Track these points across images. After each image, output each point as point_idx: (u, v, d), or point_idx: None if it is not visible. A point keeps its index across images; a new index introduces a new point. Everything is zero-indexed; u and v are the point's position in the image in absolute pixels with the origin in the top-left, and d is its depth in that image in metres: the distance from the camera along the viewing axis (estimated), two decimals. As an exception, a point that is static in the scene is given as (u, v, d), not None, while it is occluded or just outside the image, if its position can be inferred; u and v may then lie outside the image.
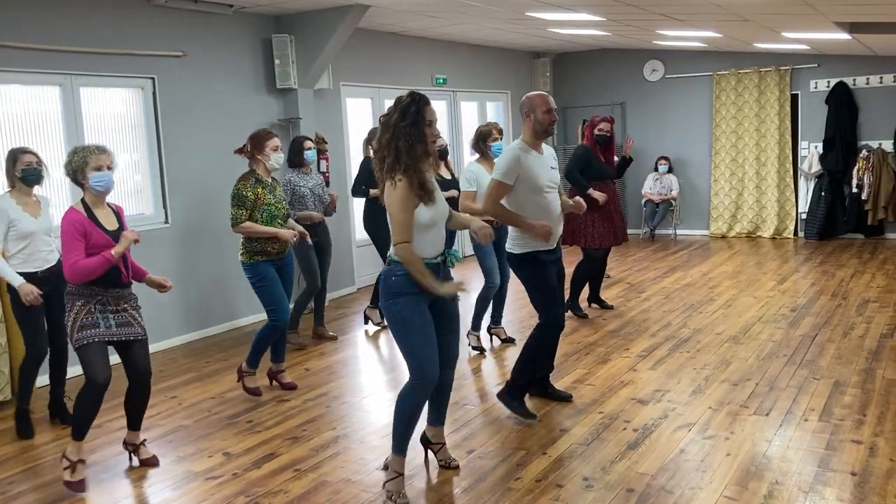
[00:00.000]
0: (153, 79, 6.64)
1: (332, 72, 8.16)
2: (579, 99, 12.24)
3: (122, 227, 4.01)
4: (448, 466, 3.96)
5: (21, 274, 4.46)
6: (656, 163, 11.84)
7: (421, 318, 3.53)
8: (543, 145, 4.57)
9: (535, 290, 4.61)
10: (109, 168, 3.92)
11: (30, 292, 4.39)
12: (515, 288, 5.68)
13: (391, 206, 3.46)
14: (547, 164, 4.51)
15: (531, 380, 4.75)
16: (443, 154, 7.18)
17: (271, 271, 5.13)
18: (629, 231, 12.21)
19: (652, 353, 5.86)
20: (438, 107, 10.48)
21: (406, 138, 3.42)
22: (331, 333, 6.78)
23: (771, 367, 5.41)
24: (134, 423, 4.23)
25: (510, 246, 4.60)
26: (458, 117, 10.64)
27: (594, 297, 7.41)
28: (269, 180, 5.19)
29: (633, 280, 8.73)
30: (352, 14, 7.30)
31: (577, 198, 4.84)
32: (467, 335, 6.15)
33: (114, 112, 6.55)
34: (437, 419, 3.95)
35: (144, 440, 4.30)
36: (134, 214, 6.65)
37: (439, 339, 3.61)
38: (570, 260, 6.82)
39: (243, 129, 7.00)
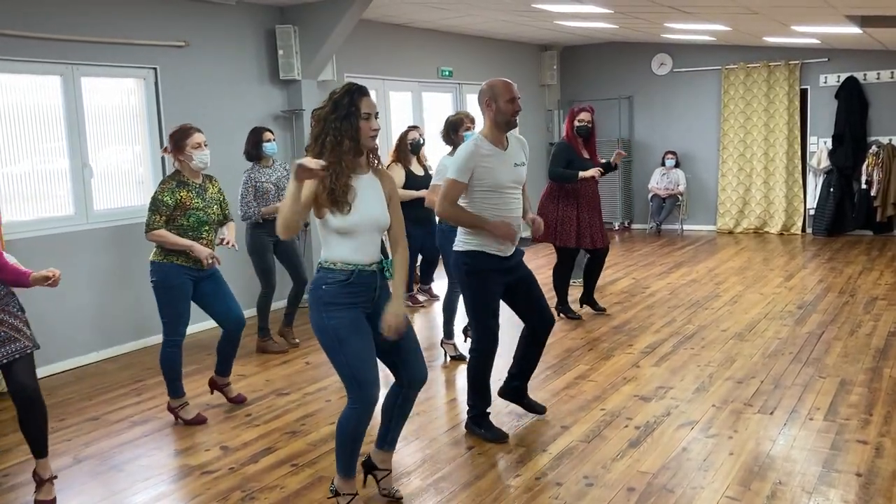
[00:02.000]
0: (155, 69, 6.60)
1: (336, 63, 8.09)
2: (586, 92, 12.11)
3: None
4: (391, 497, 3.55)
5: None
6: (663, 157, 11.76)
7: (357, 333, 3.22)
8: (514, 137, 4.22)
9: (470, 301, 4.18)
10: None
11: None
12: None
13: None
14: (510, 162, 4.09)
15: (484, 410, 4.31)
16: (415, 148, 7.07)
17: (184, 281, 4.53)
18: (635, 226, 12.38)
19: (656, 350, 5.80)
20: (444, 99, 10.42)
21: (335, 133, 3.12)
22: (294, 340, 6.32)
23: (776, 364, 5.35)
24: (39, 449, 3.56)
25: (456, 243, 4.19)
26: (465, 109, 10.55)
27: (587, 299, 6.94)
28: (197, 182, 4.61)
29: (638, 275, 8.66)
30: (356, 5, 7.24)
31: (536, 218, 4.35)
32: (441, 344, 5.83)
33: (115, 103, 6.51)
34: (386, 443, 3.54)
35: (55, 476, 3.67)
36: (137, 205, 6.63)
37: (401, 358, 3.38)
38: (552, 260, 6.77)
39: (246, 121, 7.03)
